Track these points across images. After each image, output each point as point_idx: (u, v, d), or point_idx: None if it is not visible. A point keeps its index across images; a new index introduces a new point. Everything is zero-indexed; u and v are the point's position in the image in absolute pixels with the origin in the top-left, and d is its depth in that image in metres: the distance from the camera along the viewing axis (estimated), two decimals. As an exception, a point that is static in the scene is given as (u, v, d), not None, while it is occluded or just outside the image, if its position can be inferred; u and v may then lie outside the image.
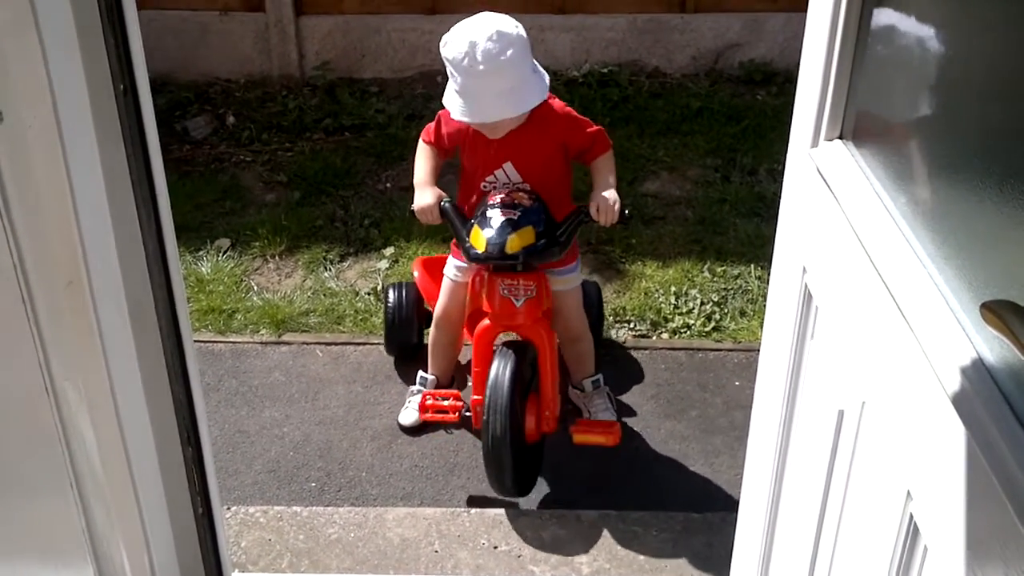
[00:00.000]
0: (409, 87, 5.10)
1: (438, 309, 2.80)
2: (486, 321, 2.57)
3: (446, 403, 2.68)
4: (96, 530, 1.52)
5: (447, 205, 2.55)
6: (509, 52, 2.33)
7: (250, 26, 5.07)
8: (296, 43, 5.02)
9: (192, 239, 3.78)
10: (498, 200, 2.50)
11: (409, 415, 2.88)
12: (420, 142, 2.69)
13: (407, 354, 3.18)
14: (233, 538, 2.45)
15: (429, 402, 2.69)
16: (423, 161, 2.66)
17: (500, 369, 2.44)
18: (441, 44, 2.43)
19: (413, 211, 2.62)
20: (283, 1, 5.01)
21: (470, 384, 2.66)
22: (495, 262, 2.47)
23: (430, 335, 2.87)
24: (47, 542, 1.52)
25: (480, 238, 2.44)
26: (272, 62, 5.12)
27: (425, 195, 2.58)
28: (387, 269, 3.67)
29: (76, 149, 1.37)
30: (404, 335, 3.13)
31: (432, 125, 2.67)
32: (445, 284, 2.78)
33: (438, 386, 2.88)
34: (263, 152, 4.47)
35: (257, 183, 4.26)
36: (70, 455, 1.43)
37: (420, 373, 2.91)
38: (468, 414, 2.63)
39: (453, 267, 2.74)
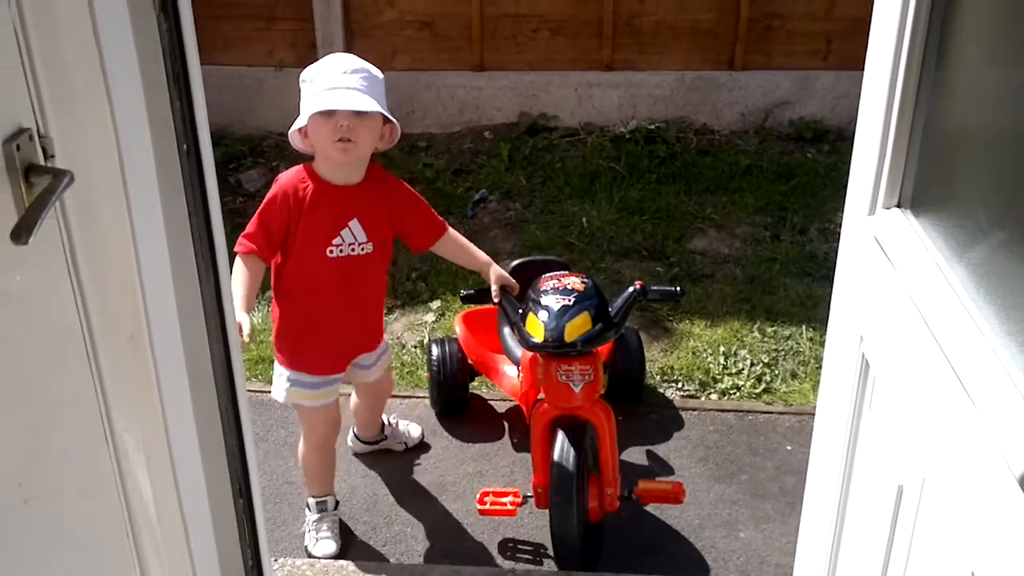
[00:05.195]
0: (457, 142, 5.17)
1: (314, 438, 2.59)
2: (543, 404, 2.55)
3: (506, 500, 2.63)
4: (148, 582, 1.53)
5: (497, 297, 2.58)
6: (370, 70, 2.34)
7: (305, 81, 5.19)
8: (349, 98, 5.13)
9: (243, 289, 3.83)
10: (551, 286, 2.51)
11: (327, 545, 2.62)
12: (238, 260, 2.32)
13: (452, 409, 3.18)
14: (277, 591, 2.45)
15: (489, 499, 2.64)
16: (239, 280, 2.29)
17: (564, 454, 2.44)
18: (304, 74, 2.36)
19: (464, 295, 2.71)
20: (337, 58, 5.13)
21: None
22: (553, 350, 2.47)
23: (306, 461, 2.65)
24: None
25: (538, 326, 2.45)
26: (325, 116, 5.22)
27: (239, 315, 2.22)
28: (433, 322, 3.69)
29: (141, 207, 1.40)
30: (449, 390, 3.14)
31: (252, 228, 2.36)
32: (309, 415, 2.56)
33: (336, 505, 2.71)
34: (314, 204, 4.54)
35: (308, 235, 4.32)
36: (127, 505, 1.44)
37: (312, 501, 2.67)
38: (530, 496, 2.61)
39: (301, 390, 2.52)
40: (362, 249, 2.42)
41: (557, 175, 4.78)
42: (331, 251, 2.40)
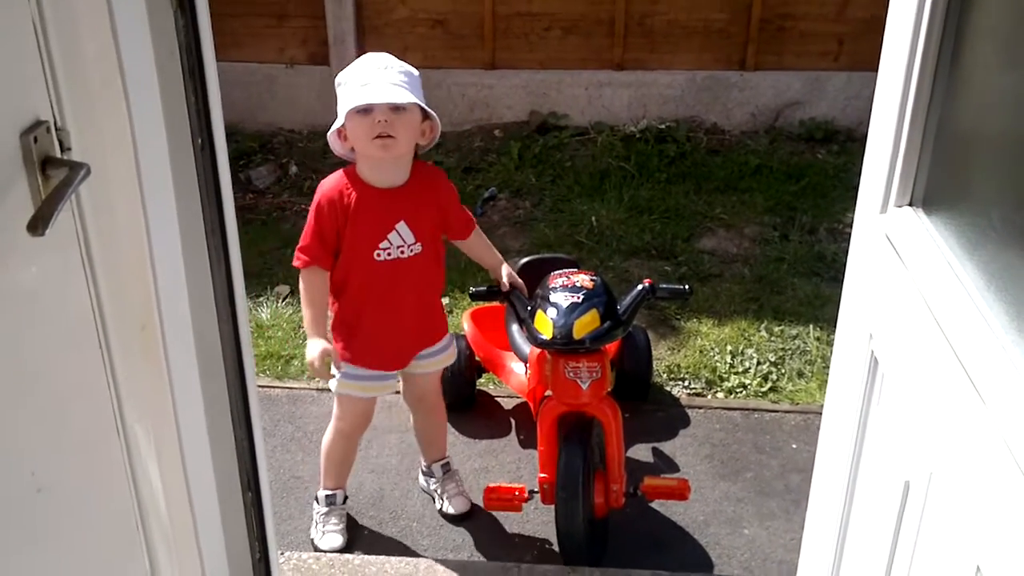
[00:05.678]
0: (467, 140, 5.18)
1: (343, 426, 2.59)
2: (551, 401, 2.55)
3: (512, 495, 2.62)
4: (159, 571, 1.53)
5: (508, 290, 2.56)
6: (406, 67, 2.32)
7: (315, 79, 5.21)
8: (359, 95, 5.14)
9: (253, 285, 3.85)
10: (560, 283, 2.51)
11: (333, 539, 2.63)
12: (301, 275, 2.38)
13: (460, 405, 3.19)
14: (285, 585, 2.46)
15: (495, 495, 2.63)
16: (306, 299, 2.37)
17: (570, 451, 2.45)
18: (339, 77, 2.35)
19: (472, 293, 2.65)
20: (347, 55, 5.14)
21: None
22: (561, 347, 2.47)
23: (331, 449, 2.63)
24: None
25: (546, 323, 2.45)
26: (334, 114, 5.23)
27: (314, 349, 2.34)
28: (443, 319, 3.70)
29: (154, 201, 1.42)
30: (457, 387, 3.15)
31: (307, 240, 2.37)
32: (345, 403, 2.55)
33: (345, 499, 2.71)
34: (324, 201, 4.56)
35: (317, 231, 4.33)
36: (137, 496, 1.45)
37: (323, 494, 2.69)
38: (536, 492, 2.62)
39: (354, 382, 2.50)
40: (411, 251, 2.39)
41: (567, 174, 4.78)
42: (378, 255, 2.37)
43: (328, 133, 2.38)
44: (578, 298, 2.47)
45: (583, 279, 2.53)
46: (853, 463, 1.51)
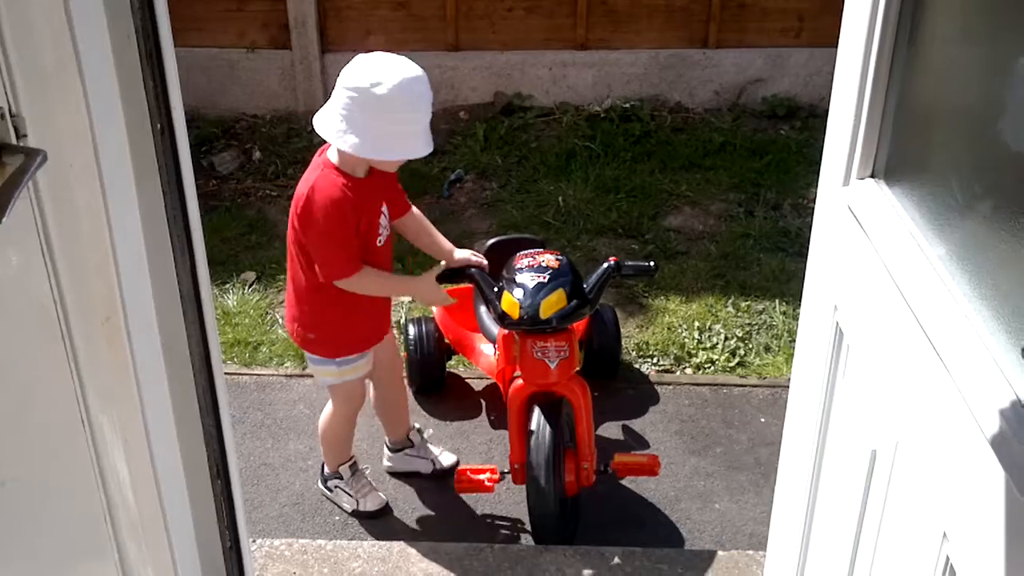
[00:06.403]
0: (432, 122, 5.14)
1: (349, 411, 2.65)
2: (519, 381, 2.56)
3: (483, 477, 2.65)
4: (128, 563, 1.52)
5: (475, 271, 2.55)
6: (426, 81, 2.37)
7: (276, 63, 5.15)
8: (321, 80, 5.09)
9: (218, 272, 3.82)
10: (526, 263, 2.51)
11: (376, 498, 2.74)
12: (355, 278, 2.39)
13: (430, 388, 3.19)
14: (258, 571, 2.45)
15: (467, 476, 2.66)
16: (375, 279, 2.44)
17: (540, 430, 2.46)
18: (376, 89, 2.26)
19: (439, 275, 2.60)
20: (309, 39, 5.09)
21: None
22: (528, 328, 2.47)
23: (336, 433, 2.70)
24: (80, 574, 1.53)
25: (513, 304, 2.45)
26: (298, 98, 5.19)
27: (429, 284, 2.51)
28: (410, 302, 3.69)
29: (115, 188, 1.39)
30: (426, 370, 3.15)
31: (341, 249, 2.36)
32: (348, 387, 2.60)
33: (354, 465, 2.79)
34: (288, 187, 4.51)
35: (282, 217, 4.29)
36: (104, 487, 1.44)
37: (345, 467, 2.75)
38: (507, 472, 2.63)
39: (351, 366, 2.56)
40: (389, 229, 2.50)
41: (533, 154, 4.78)
42: (379, 240, 2.45)
43: (353, 148, 2.29)
44: (544, 278, 2.47)
45: (548, 259, 2.53)
46: (820, 434, 1.53)
